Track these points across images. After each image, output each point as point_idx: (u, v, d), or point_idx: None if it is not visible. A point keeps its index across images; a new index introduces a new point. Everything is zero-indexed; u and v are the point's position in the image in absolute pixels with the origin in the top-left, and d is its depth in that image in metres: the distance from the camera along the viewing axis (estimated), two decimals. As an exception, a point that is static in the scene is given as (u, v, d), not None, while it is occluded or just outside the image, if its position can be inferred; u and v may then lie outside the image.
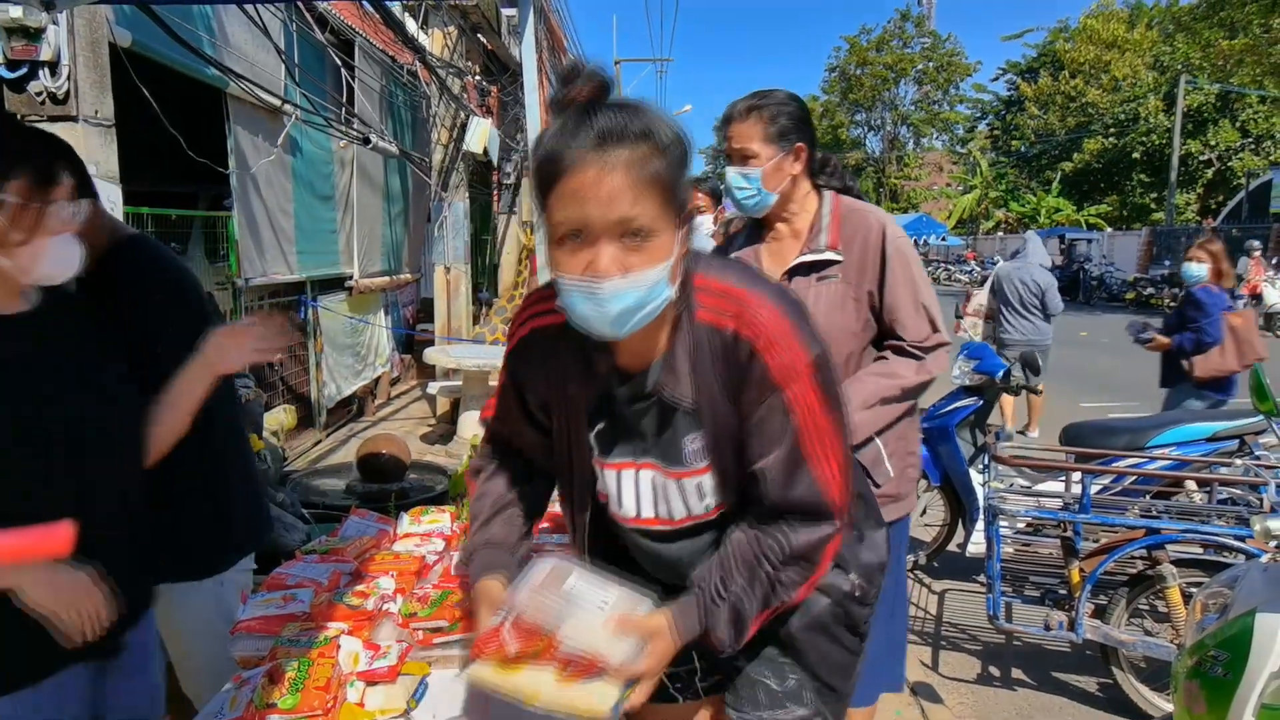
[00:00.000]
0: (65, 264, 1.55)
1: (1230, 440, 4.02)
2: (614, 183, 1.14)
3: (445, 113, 9.08)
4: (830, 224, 2.25)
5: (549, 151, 1.18)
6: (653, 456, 1.39)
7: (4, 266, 1.47)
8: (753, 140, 2.18)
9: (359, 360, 8.21)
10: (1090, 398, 9.75)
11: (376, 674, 1.60)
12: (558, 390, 1.42)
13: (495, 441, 1.63)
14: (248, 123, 5.80)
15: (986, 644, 4.07)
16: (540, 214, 1.24)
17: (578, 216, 1.16)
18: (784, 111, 2.19)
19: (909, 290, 2.19)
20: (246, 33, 5.64)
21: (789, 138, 2.19)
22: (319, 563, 2.03)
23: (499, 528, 1.54)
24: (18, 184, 1.44)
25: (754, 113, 2.18)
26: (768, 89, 2.25)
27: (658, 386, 1.33)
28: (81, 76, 3.73)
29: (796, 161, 2.21)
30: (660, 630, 1.31)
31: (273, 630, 1.74)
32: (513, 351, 1.47)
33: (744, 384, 1.29)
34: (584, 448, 1.43)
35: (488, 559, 1.48)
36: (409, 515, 2.39)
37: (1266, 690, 1.77)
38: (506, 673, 1.26)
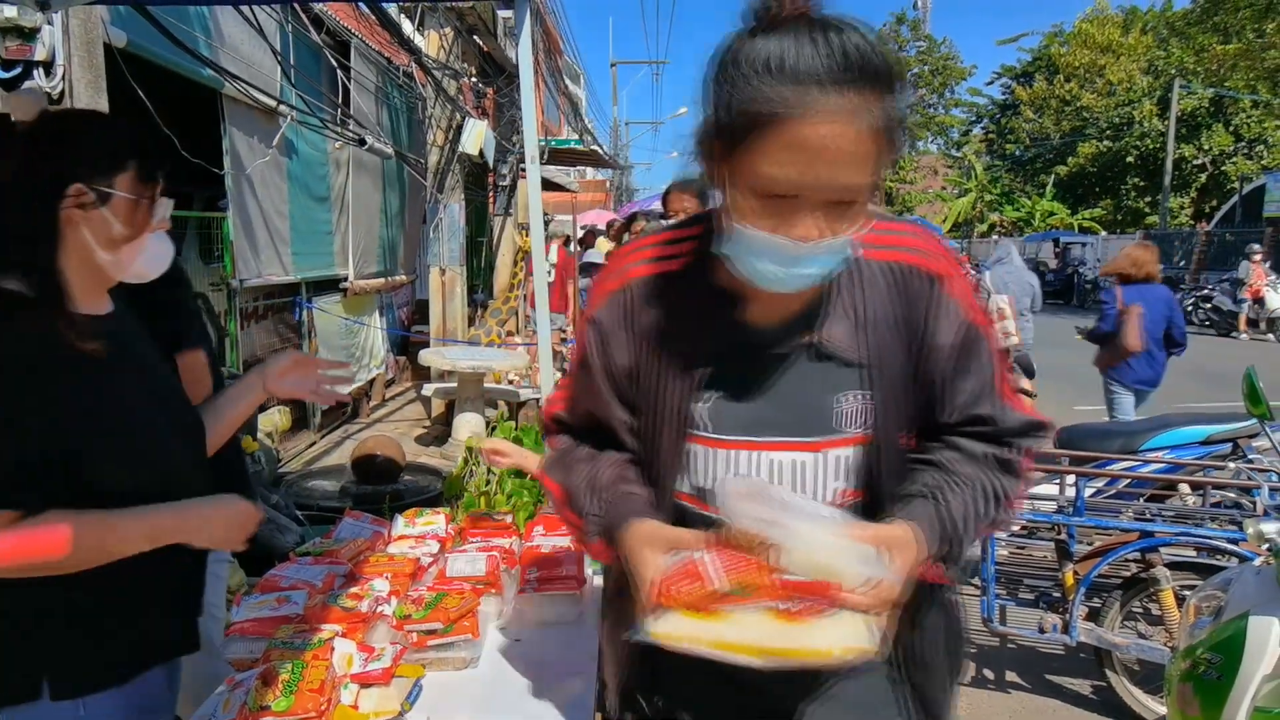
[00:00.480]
0: (160, 261, 1.51)
1: (1224, 444, 4.03)
2: (850, 142, 0.94)
3: (441, 114, 9.07)
4: None
5: (762, 89, 0.94)
6: (785, 429, 1.16)
7: (105, 263, 1.41)
8: None
9: (354, 362, 8.19)
10: (1085, 401, 9.76)
11: (370, 676, 1.60)
12: (657, 351, 1.19)
13: (569, 435, 1.36)
14: (243, 124, 5.79)
15: (981, 647, 4.08)
16: (720, 147, 1.02)
17: (798, 178, 0.96)
18: None
19: None
20: (242, 33, 5.63)
21: None
22: (313, 565, 2.02)
23: (633, 481, 1.25)
24: (127, 178, 1.40)
25: None
26: None
27: (813, 334, 1.14)
28: (76, 77, 3.72)
29: None
30: (906, 541, 1.08)
31: (266, 632, 1.73)
32: (602, 309, 1.24)
33: (928, 320, 1.14)
34: (678, 425, 1.19)
35: (631, 505, 1.21)
36: (404, 517, 2.38)
37: (1259, 693, 1.78)
38: (705, 620, 1.03)
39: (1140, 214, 33.66)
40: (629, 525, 1.17)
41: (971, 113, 47.46)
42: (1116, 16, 37.31)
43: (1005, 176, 41.75)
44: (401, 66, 8.69)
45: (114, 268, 1.43)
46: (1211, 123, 30.10)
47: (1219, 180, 31.03)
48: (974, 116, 47.34)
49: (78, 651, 1.34)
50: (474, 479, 3.79)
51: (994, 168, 42.79)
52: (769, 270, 1.02)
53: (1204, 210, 31.96)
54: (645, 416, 1.23)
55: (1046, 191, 37.22)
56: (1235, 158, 29.92)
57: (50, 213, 1.34)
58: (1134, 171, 33.25)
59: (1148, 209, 33.11)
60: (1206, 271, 24.35)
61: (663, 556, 1.10)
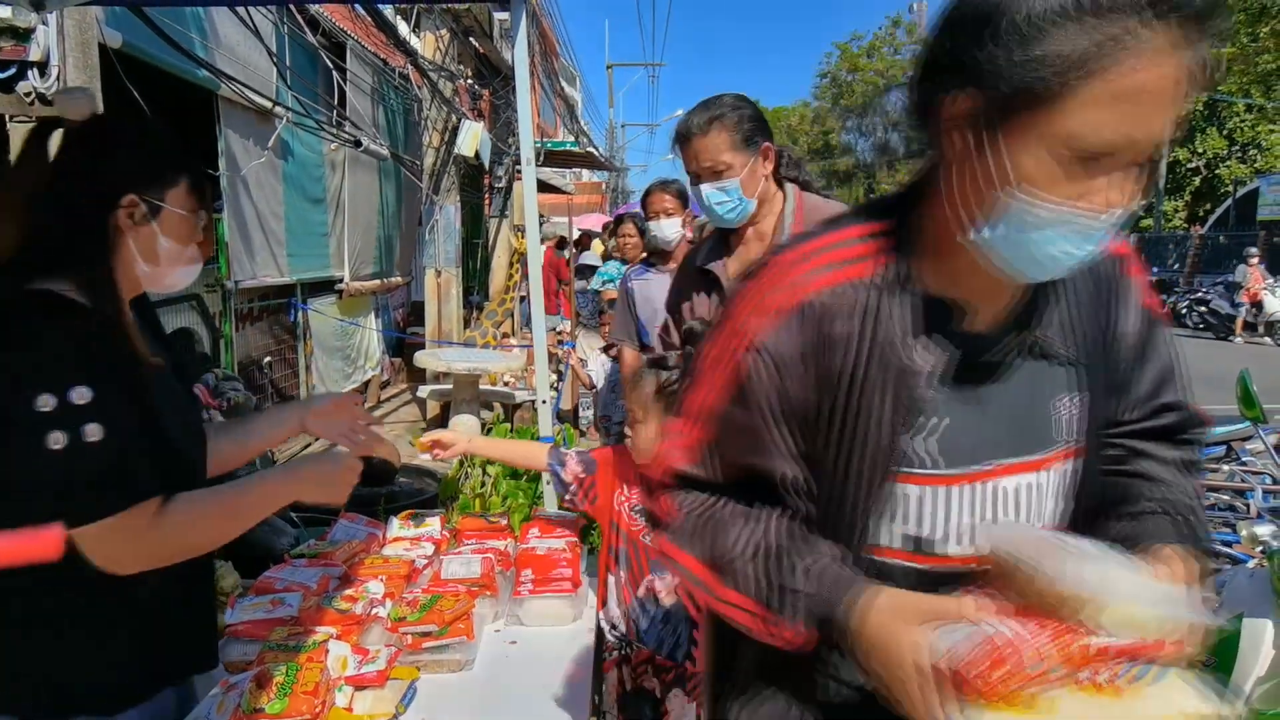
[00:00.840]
0: (189, 275, 1.46)
1: (1218, 446, 4.04)
2: (1177, 86, 0.80)
3: (437, 116, 9.07)
4: (793, 225, 2.17)
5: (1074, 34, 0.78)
6: (1012, 449, 1.00)
7: (143, 275, 1.37)
8: (721, 152, 2.10)
9: (349, 363, 8.18)
10: (1079, 403, 9.78)
11: (365, 678, 1.59)
12: (854, 378, 0.97)
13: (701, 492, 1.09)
14: (238, 125, 5.78)
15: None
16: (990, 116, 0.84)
17: (1132, 132, 0.81)
18: (743, 115, 2.12)
19: None
20: (238, 35, 5.62)
21: (754, 140, 2.13)
22: (307, 567, 2.02)
23: (817, 541, 1.01)
24: (178, 192, 1.36)
25: (715, 123, 2.10)
26: (713, 97, 2.17)
27: (1030, 332, 0.99)
28: (71, 77, 3.71)
29: (767, 162, 2.16)
30: (1192, 571, 0.94)
31: (260, 634, 1.73)
32: (771, 333, 0.98)
33: (1116, 305, 1.04)
34: (883, 464, 0.98)
35: (845, 572, 0.97)
36: (399, 519, 2.38)
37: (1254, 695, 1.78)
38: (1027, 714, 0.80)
39: (1135, 217, 33.73)
40: (862, 597, 0.92)
41: (967, 116, 47.57)
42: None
43: (1000, 179, 41.89)
44: (397, 68, 8.69)
45: (150, 279, 1.40)
46: (1205, 126, 30.21)
47: (1213, 184, 31.14)
48: (969, 119, 47.45)
49: (100, 672, 1.30)
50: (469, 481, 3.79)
51: (989, 170, 42.93)
52: (1059, 252, 0.86)
53: (1198, 214, 32.08)
54: (832, 459, 0.99)
55: (1041, 194, 37.35)
56: (1229, 161, 30.04)
57: (103, 220, 1.31)
58: (1128, 175, 33.35)
59: (1142, 212, 33.20)
60: (1201, 275, 24.45)
61: (928, 633, 0.86)
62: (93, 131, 1.38)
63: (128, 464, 1.20)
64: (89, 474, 1.16)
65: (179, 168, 1.37)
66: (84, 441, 1.14)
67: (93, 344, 1.21)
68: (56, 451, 1.13)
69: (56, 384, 1.14)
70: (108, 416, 1.17)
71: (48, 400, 1.13)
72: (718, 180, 2.12)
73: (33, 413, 1.13)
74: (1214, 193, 31.24)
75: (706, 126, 2.10)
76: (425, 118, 9.23)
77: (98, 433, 1.15)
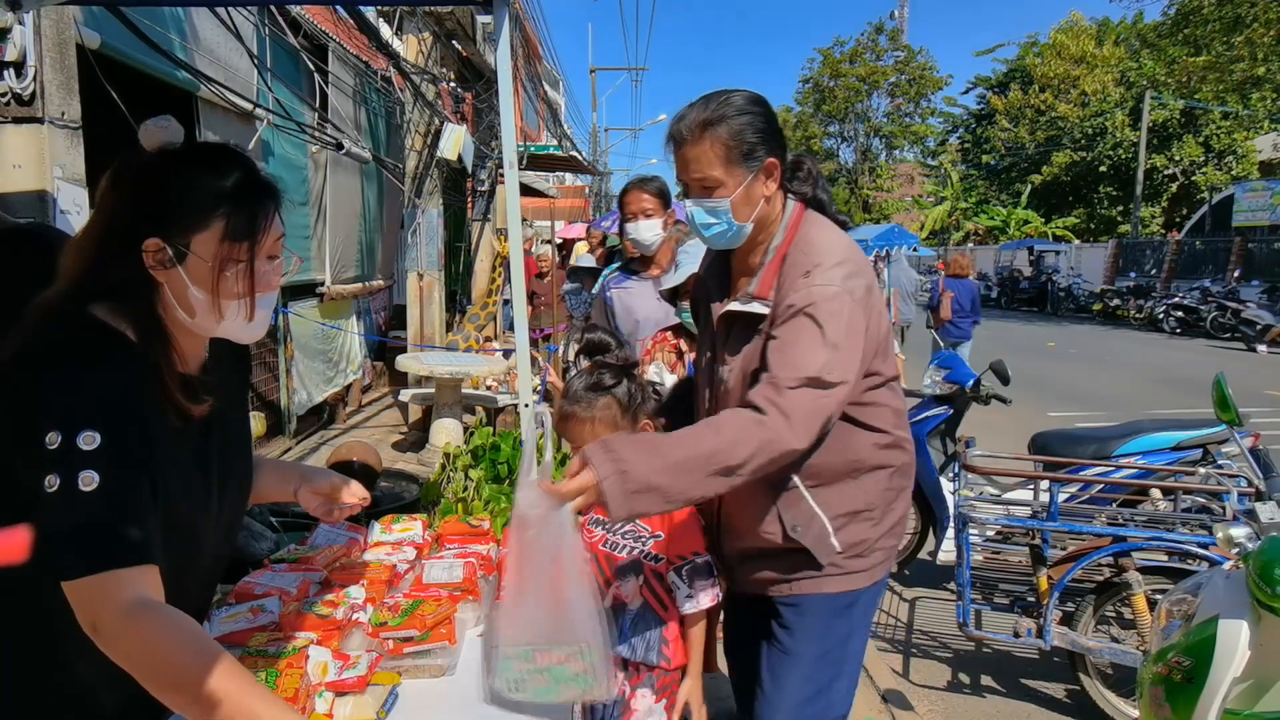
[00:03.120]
0: (256, 329, 1.36)
1: (1194, 449, 4.09)
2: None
3: (419, 119, 9.05)
4: (771, 262, 1.83)
5: None
6: None
7: (187, 323, 1.28)
8: (713, 165, 1.76)
9: (330, 367, 8.13)
10: (1058, 407, 9.87)
11: (345, 684, 1.58)
12: None
13: None
14: (219, 127, 5.74)
15: (957, 651, 4.10)
16: None
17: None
18: (747, 123, 1.77)
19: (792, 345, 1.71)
20: (218, 36, 5.58)
21: (757, 154, 1.78)
22: (287, 571, 2.00)
23: None
24: (207, 237, 1.25)
25: (711, 130, 1.75)
26: (720, 92, 1.81)
27: None
28: (48, 78, 3.68)
29: (770, 180, 1.82)
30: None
31: (240, 640, 1.71)
32: None
33: None
34: None
35: None
36: (380, 524, 2.36)
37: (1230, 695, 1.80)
38: None
39: (1113, 223, 34.13)
40: None
41: (948, 122, 47.95)
42: (1090, 28, 37.85)
43: (981, 185, 42.20)
44: (380, 71, 8.66)
45: (199, 328, 1.30)
46: (1182, 134, 30.61)
47: (1189, 190, 31.54)
48: (950, 126, 47.83)
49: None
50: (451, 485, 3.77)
51: (969, 176, 43.24)
52: None
53: (1175, 220, 32.48)
54: None
55: (1021, 200, 37.66)
56: (1205, 168, 30.44)
57: (136, 262, 1.23)
58: (1107, 181, 33.73)
59: (1120, 218, 33.59)
60: (1177, 280, 24.74)
61: None
62: (135, 164, 1.28)
63: (120, 522, 1.10)
64: (73, 523, 1.07)
65: (209, 209, 1.25)
66: (77, 489, 1.06)
67: (121, 388, 1.15)
68: (51, 494, 1.06)
69: (68, 423, 1.08)
70: (111, 466, 1.08)
71: (54, 438, 1.07)
72: (706, 197, 1.80)
73: (41, 449, 1.07)
74: (1190, 199, 31.64)
75: (700, 133, 1.76)
76: (408, 121, 9.20)
77: (92, 481, 1.07)
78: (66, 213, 3.70)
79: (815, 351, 1.67)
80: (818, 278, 1.72)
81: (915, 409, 4.78)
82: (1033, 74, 38.47)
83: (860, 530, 1.89)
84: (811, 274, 1.73)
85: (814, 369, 1.65)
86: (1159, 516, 3.56)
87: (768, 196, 1.83)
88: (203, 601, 1.54)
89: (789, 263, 1.80)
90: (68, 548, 1.07)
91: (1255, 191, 25.67)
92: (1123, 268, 28.18)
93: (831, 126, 52.82)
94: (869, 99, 50.49)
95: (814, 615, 1.92)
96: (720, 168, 1.76)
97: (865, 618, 2.02)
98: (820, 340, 1.67)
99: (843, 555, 1.88)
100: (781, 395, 1.64)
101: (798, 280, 1.74)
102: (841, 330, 1.69)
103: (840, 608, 1.93)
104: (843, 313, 1.70)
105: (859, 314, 1.73)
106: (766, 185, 1.81)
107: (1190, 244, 27.07)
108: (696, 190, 1.81)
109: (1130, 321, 22.47)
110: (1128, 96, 32.72)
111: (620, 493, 1.54)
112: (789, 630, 1.94)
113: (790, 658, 1.93)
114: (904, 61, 49.20)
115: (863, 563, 1.91)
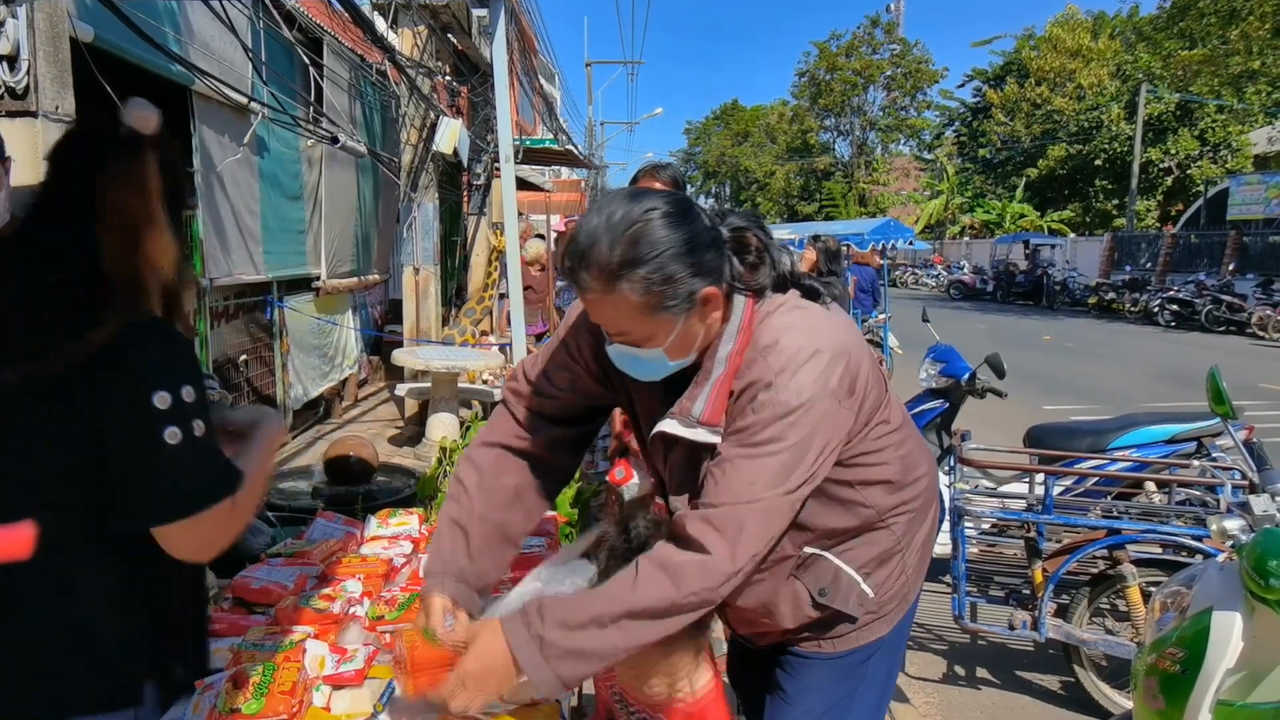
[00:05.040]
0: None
1: (1189, 442, 4.11)
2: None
3: (415, 113, 9.03)
4: (721, 378, 1.43)
5: None
6: None
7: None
8: (633, 323, 1.38)
9: (326, 362, 8.12)
10: (1053, 401, 9.90)
11: (343, 678, 1.59)
12: None
13: None
14: (213, 121, 5.72)
15: (952, 644, 4.12)
16: None
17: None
18: (669, 258, 1.32)
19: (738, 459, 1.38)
20: (213, 29, 5.56)
21: (690, 294, 1.36)
22: (285, 566, 2.01)
23: None
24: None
25: (620, 283, 1.32)
26: (624, 206, 1.35)
27: None
28: (41, 71, 3.66)
29: (709, 308, 1.41)
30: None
31: (237, 634, 1.72)
32: None
33: None
34: None
35: None
36: (376, 518, 2.37)
37: (1223, 686, 1.81)
38: None
39: (1108, 216, 34.17)
40: None
41: (943, 115, 47.92)
42: (1086, 21, 37.84)
43: (976, 179, 42.20)
44: (375, 64, 8.63)
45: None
46: (1178, 127, 30.62)
47: (1184, 184, 31.58)
48: (946, 119, 47.81)
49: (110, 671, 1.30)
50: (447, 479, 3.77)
51: (965, 170, 43.24)
52: None
53: (1170, 213, 32.51)
54: None
55: (1017, 194, 37.67)
56: (1200, 161, 30.47)
57: None
58: (1102, 174, 33.75)
59: (1115, 211, 33.64)
60: (1172, 273, 24.79)
61: None
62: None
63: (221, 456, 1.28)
64: (200, 466, 1.24)
65: None
66: (194, 436, 1.21)
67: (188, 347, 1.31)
68: (173, 445, 1.20)
69: (171, 383, 1.21)
70: (207, 413, 1.25)
71: (164, 398, 1.19)
72: (632, 348, 1.43)
73: (151, 409, 1.19)
74: (1185, 193, 31.68)
75: (609, 285, 1.33)
76: (403, 114, 9.18)
77: (202, 428, 1.22)
78: (61, 207, 3.68)
79: (770, 474, 1.36)
80: (781, 391, 1.37)
81: (911, 402, 4.80)
82: (1028, 67, 38.46)
83: (891, 569, 1.63)
84: (774, 385, 1.37)
85: (765, 489, 1.36)
86: (1153, 509, 3.57)
87: (710, 323, 1.43)
88: None
89: (745, 374, 1.42)
90: (202, 486, 1.24)
91: (1250, 185, 25.73)
92: (1118, 261, 28.23)
93: (828, 120, 52.80)
94: (865, 93, 50.47)
95: (823, 669, 1.66)
96: (644, 323, 1.37)
97: (883, 673, 1.74)
98: (778, 463, 1.36)
99: (876, 599, 1.60)
100: (715, 518, 1.36)
101: (759, 397, 1.38)
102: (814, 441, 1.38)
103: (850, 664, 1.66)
104: (809, 423, 1.37)
105: (835, 414, 1.40)
106: (709, 314, 1.42)
107: (1185, 237, 27.13)
108: (616, 338, 1.44)
109: (1125, 315, 22.52)
110: (1123, 90, 32.72)
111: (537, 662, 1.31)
112: (795, 679, 1.68)
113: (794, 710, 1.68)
114: (900, 55, 49.17)
115: (897, 597, 1.66)
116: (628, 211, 1.34)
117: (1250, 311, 17.78)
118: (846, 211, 45.45)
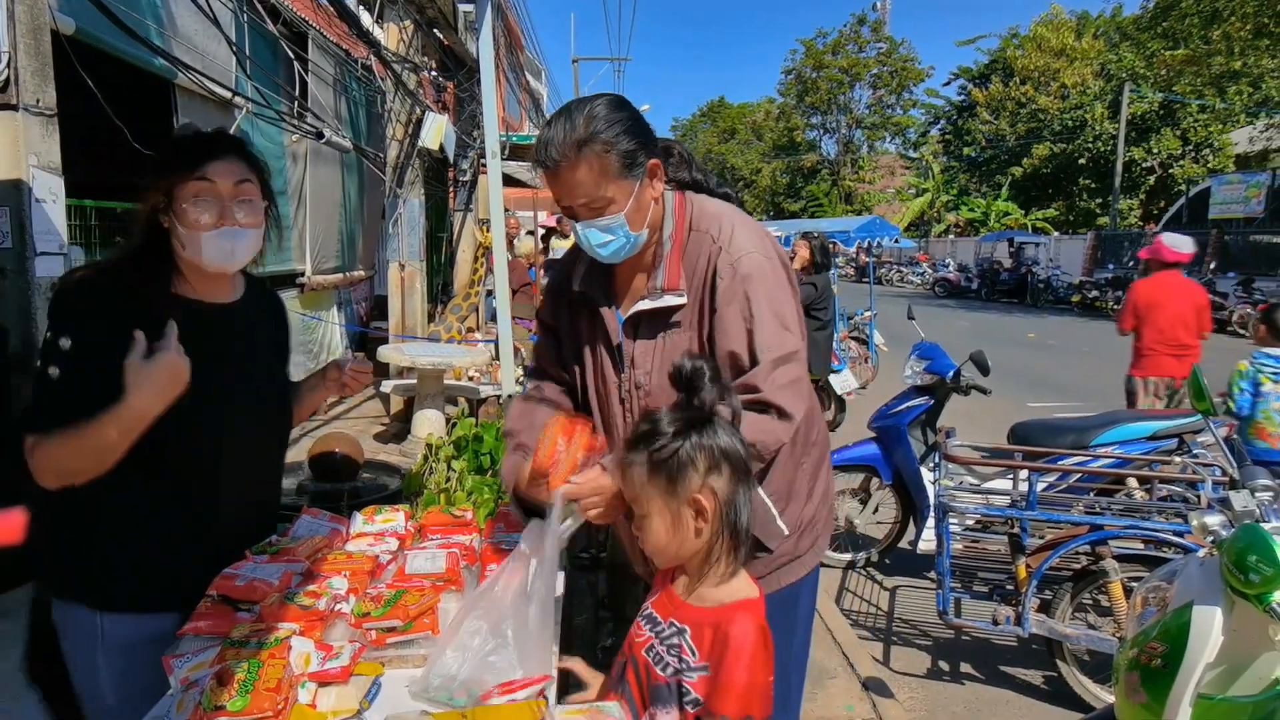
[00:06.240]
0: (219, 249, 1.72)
1: (1170, 439, 4.14)
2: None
3: (400, 108, 8.98)
4: (671, 252, 1.79)
5: None
6: None
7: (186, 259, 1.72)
8: (599, 186, 1.67)
9: (311, 358, 8.08)
10: (1037, 398, 9.97)
11: (328, 675, 1.58)
12: None
13: None
14: (196, 115, 5.67)
15: (937, 639, 4.15)
16: None
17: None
18: (621, 131, 1.68)
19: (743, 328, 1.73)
20: (196, 23, 5.52)
21: (639, 160, 1.71)
22: (269, 563, 1.99)
23: None
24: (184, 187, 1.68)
25: (586, 150, 1.65)
26: (580, 103, 1.71)
27: None
28: (22, 64, 3.62)
29: (655, 180, 1.76)
30: None
31: (221, 631, 1.71)
32: None
33: None
34: None
35: None
36: (362, 514, 2.36)
37: (1203, 680, 1.83)
38: None
39: (1091, 215, 34.40)
40: None
41: (929, 114, 48.12)
42: (1070, 21, 38.07)
43: (961, 177, 42.41)
44: (360, 59, 8.58)
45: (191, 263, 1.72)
46: (1160, 126, 30.85)
47: (1167, 183, 31.82)
48: (931, 117, 48.01)
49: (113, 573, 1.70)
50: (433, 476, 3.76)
51: (950, 168, 43.44)
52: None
53: (1152, 212, 32.76)
54: None
55: (1001, 192, 37.89)
56: (1183, 161, 30.71)
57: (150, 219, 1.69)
58: (1086, 173, 33.98)
59: (1099, 210, 33.87)
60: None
61: None
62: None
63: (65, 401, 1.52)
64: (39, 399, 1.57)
65: (175, 166, 1.66)
66: (48, 375, 1.52)
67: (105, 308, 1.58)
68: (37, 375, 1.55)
69: (58, 330, 1.55)
70: (73, 364, 1.52)
71: (46, 338, 1.55)
72: (599, 217, 1.71)
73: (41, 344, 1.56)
74: (1168, 191, 31.92)
75: (576, 154, 1.66)
76: (388, 110, 9.13)
77: (55, 374, 1.52)
78: (42, 201, 3.65)
79: (773, 329, 1.71)
80: (733, 249, 1.74)
81: (897, 399, 4.82)
82: (1013, 66, 38.67)
83: (800, 509, 1.89)
84: (723, 248, 1.75)
85: (783, 348, 1.71)
86: (1135, 505, 3.61)
87: (656, 198, 1.78)
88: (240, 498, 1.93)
89: (691, 246, 1.79)
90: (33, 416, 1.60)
91: (1231, 184, 25.96)
92: (1101, 259, 28.43)
93: (814, 118, 52.91)
94: (851, 90, 50.59)
95: None
96: (607, 185, 1.68)
97: (809, 608, 1.96)
98: (772, 316, 1.71)
99: (791, 538, 1.85)
100: (766, 384, 1.68)
101: (713, 257, 1.75)
102: (783, 295, 1.75)
103: (785, 600, 1.85)
104: (772, 276, 1.75)
105: (782, 271, 1.79)
106: (653, 187, 1.76)
107: (1167, 236, 27.30)
108: (584, 213, 1.72)
109: (1108, 313, 22.70)
110: (1107, 89, 32.94)
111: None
112: None
113: None
114: (886, 53, 49.31)
115: (807, 542, 1.90)
116: (583, 101, 1.71)
117: (1231, 310, 18.02)
118: (832, 209, 45.60)
